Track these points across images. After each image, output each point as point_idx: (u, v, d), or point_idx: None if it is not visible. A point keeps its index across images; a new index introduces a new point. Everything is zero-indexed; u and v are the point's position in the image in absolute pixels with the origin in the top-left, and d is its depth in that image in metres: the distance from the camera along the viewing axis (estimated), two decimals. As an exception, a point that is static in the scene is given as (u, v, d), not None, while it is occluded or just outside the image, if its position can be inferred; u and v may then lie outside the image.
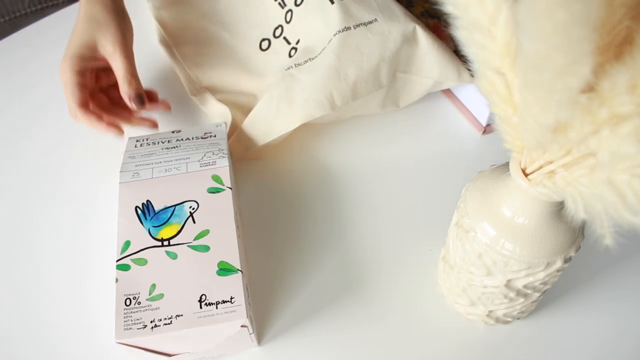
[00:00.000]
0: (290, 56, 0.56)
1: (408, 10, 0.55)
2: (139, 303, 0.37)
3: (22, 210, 0.50)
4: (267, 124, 0.51)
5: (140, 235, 0.40)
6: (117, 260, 0.39)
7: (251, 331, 0.39)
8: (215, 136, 0.48)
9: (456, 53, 0.54)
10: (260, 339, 0.42)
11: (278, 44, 0.57)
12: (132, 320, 0.36)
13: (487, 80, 0.28)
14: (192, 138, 0.48)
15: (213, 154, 0.46)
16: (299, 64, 0.52)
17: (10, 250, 0.48)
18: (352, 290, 0.45)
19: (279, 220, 0.49)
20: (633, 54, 0.22)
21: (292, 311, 0.44)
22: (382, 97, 0.53)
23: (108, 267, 0.45)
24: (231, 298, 0.38)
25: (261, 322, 0.43)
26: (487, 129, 0.54)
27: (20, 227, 0.49)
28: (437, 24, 0.56)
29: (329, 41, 0.51)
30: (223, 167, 0.44)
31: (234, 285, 0.38)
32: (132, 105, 0.49)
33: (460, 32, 0.27)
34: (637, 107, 0.22)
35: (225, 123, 0.50)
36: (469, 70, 0.42)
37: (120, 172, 0.45)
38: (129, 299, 0.37)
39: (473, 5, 0.26)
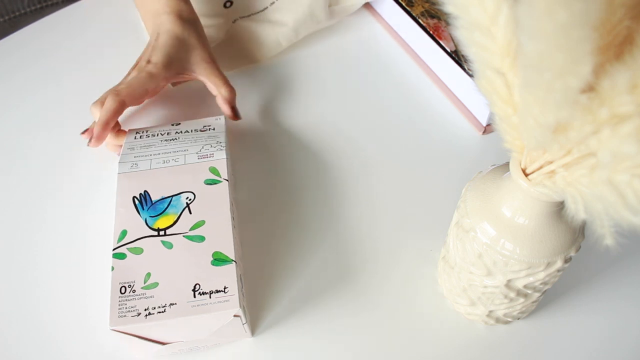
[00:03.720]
0: (225, 6, 0.63)
1: (408, 9, 0.55)
2: (134, 291, 0.38)
3: (21, 201, 0.50)
4: (226, 59, 0.61)
5: (137, 225, 0.41)
6: (114, 249, 0.40)
7: (244, 321, 0.39)
8: (214, 129, 0.49)
9: (456, 53, 0.54)
10: (253, 330, 0.43)
11: None
12: (126, 308, 0.37)
13: (487, 80, 0.28)
14: (191, 131, 0.49)
15: (211, 147, 0.46)
16: (243, 17, 0.63)
17: (9, 239, 0.48)
18: (352, 289, 0.45)
19: (275, 212, 0.49)
20: (633, 54, 0.22)
21: (286, 303, 0.44)
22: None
23: (105, 256, 0.45)
24: (225, 288, 0.38)
25: (255, 313, 0.44)
26: (487, 129, 0.54)
27: (19, 217, 0.49)
28: (437, 24, 0.56)
29: (272, 3, 0.63)
30: (220, 160, 0.45)
31: (228, 275, 0.39)
32: (228, 111, 0.52)
33: (460, 32, 0.27)
34: (638, 107, 0.22)
35: (225, 117, 0.51)
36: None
37: (119, 162, 0.45)
38: (124, 287, 0.38)
39: (473, 5, 0.26)
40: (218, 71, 0.53)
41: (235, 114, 0.53)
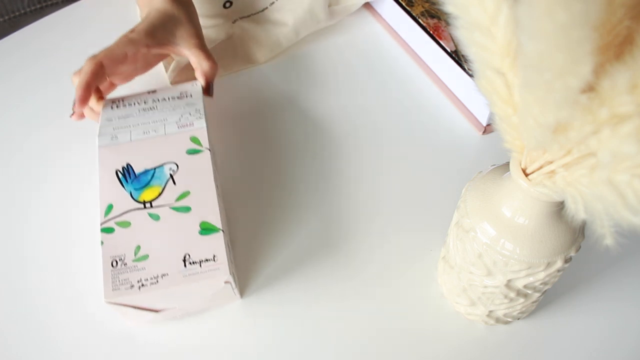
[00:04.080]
0: (225, 7, 0.63)
1: (408, 9, 0.55)
2: (125, 264, 0.39)
3: (21, 202, 0.50)
4: (227, 59, 0.61)
5: (122, 199, 0.41)
6: (102, 224, 0.40)
7: (234, 286, 0.41)
8: (191, 96, 0.49)
9: (456, 53, 0.54)
10: (242, 293, 0.44)
11: None
12: (119, 281, 0.38)
13: (487, 80, 0.28)
14: (168, 98, 0.49)
15: (190, 115, 0.47)
16: (243, 17, 0.63)
17: (6, 236, 0.48)
18: (352, 290, 0.45)
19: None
20: (633, 54, 0.22)
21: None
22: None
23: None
24: (214, 256, 0.39)
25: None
26: (487, 129, 0.54)
27: (19, 217, 0.49)
28: (437, 24, 0.56)
29: (272, 3, 0.63)
30: (201, 129, 0.45)
31: (216, 244, 0.40)
32: (204, 84, 0.51)
33: (460, 32, 0.27)
34: (638, 107, 0.22)
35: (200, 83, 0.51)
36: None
37: (98, 135, 0.45)
38: (115, 260, 0.39)
39: (473, 5, 0.26)
40: (203, 46, 0.52)
41: (209, 90, 0.51)
